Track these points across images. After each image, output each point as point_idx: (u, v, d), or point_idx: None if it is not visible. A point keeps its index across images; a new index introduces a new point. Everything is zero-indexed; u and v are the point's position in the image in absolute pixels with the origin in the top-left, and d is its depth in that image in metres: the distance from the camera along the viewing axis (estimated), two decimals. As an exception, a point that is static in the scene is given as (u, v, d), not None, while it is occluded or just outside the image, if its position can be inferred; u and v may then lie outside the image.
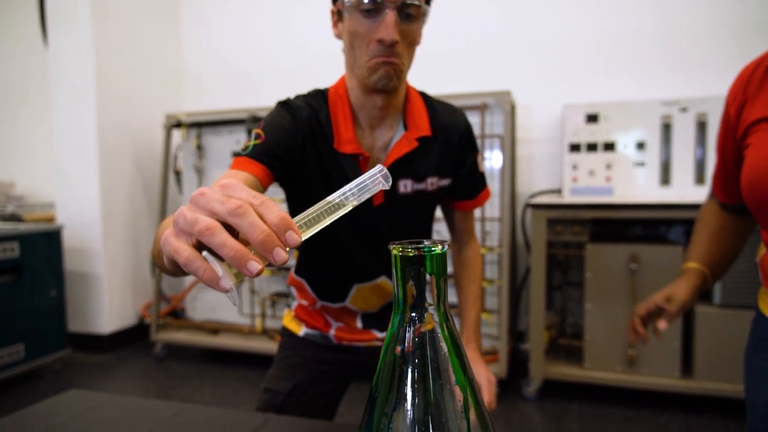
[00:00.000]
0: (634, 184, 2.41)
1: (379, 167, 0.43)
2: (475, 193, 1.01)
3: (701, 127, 2.30)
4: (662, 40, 2.58)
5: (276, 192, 2.76)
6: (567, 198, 2.41)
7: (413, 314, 0.38)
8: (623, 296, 2.23)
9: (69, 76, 2.96)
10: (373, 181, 0.43)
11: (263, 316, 2.90)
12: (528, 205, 2.68)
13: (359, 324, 1.02)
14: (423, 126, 0.92)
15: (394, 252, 0.38)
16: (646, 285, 2.19)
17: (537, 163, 2.80)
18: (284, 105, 0.89)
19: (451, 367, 0.37)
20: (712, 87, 2.47)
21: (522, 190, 2.81)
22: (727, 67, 2.47)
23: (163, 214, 3.00)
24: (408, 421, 0.36)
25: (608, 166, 2.43)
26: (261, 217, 0.39)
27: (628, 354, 2.23)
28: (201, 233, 0.39)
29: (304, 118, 0.87)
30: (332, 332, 1.03)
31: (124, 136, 3.13)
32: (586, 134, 2.47)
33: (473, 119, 2.57)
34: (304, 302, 1.05)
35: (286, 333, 1.08)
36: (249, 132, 2.80)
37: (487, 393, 0.93)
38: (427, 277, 0.37)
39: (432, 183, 0.94)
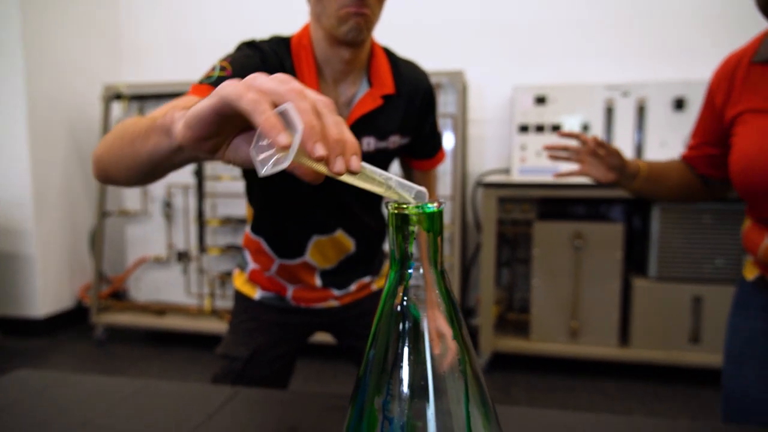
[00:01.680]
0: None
1: (423, 191, 0.40)
2: (433, 153, 1.03)
3: (641, 111, 2.41)
4: (609, 25, 2.67)
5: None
6: (515, 177, 2.48)
7: (410, 271, 0.38)
8: (568, 272, 2.33)
9: (-7, 40, 2.73)
10: (412, 193, 0.40)
11: (212, 295, 2.83)
12: (480, 184, 2.74)
13: (318, 281, 1.00)
14: (387, 83, 0.91)
15: (391, 210, 0.38)
16: (589, 260, 2.30)
17: (487, 144, 2.86)
18: (251, 46, 0.85)
19: (449, 322, 0.38)
20: (652, 73, 2.60)
21: (472, 170, 2.86)
22: (667, 53, 2.59)
23: (102, 190, 2.85)
24: (407, 375, 0.36)
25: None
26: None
27: (571, 326, 2.34)
28: (293, 91, 0.37)
29: (273, 64, 0.83)
30: (289, 294, 1.01)
31: (58, 107, 2.93)
32: (535, 116, 2.53)
33: (426, 98, 2.58)
34: (257, 266, 1.02)
35: (240, 297, 1.05)
36: (195, 106, 2.69)
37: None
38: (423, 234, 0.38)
39: (394, 141, 0.94)
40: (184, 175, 2.83)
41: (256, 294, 1.03)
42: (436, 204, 0.38)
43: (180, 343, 2.79)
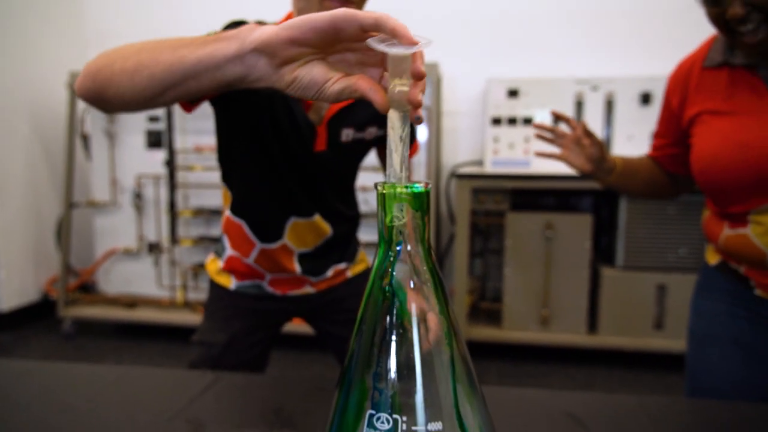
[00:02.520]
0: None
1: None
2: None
3: (609, 105, 2.48)
4: (580, 20, 2.73)
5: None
6: (488, 169, 2.52)
7: (398, 248, 0.39)
8: (539, 261, 2.39)
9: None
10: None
11: (185, 287, 2.80)
12: (454, 175, 2.77)
13: (297, 267, 0.99)
14: None
15: (380, 190, 0.39)
16: (560, 250, 2.36)
17: (461, 136, 2.89)
18: (241, 22, 0.84)
19: (435, 297, 0.39)
20: (621, 68, 2.66)
21: (446, 161, 2.89)
22: (635, 49, 2.67)
23: (69, 180, 2.78)
24: (395, 349, 0.38)
25: (526, 140, 2.56)
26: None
27: (542, 314, 2.40)
28: (386, 18, 0.42)
29: None
30: (266, 282, 1.02)
31: (20, 94, 2.84)
32: (507, 108, 2.57)
33: (401, 90, 2.59)
34: (237, 253, 1.00)
35: (215, 286, 1.05)
36: (167, 95, 2.64)
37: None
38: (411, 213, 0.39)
39: (370, 133, 0.96)
40: (155, 165, 2.77)
41: (232, 284, 1.03)
42: (423, 184, 0.39)
43: (152, 335, 2.75)
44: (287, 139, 0.89)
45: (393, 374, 0.37)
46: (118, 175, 2.85)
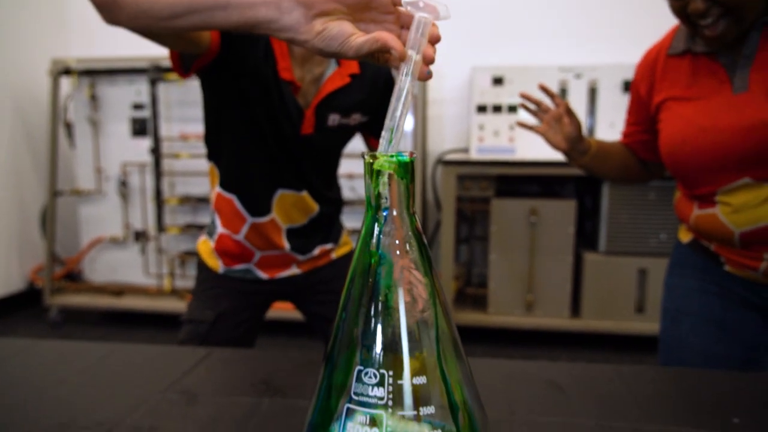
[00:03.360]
0: (533, 144, 2.59)
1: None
2: None
3: (592, 92, 2.51)
4: (563, 8, 2.75)
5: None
6: (474, 156, 2.54)
7: (384, 214, 0.41)
8: (524, 247, 2.43)
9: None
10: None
11: (172, 275, 2.80)
12: (439, 161, 2.80)
13: (285, 243, 1.02)
14: (353, 63, 0.95)
15: (368, 159, 0.41)
16: (544, 236, 2.41)
17: (446, 123, 2.92)
18: None
19: (419, 260, 0.42)
20: (604, 56, 2.70)
21: (432, 149, 2.91)
22: (617, 37, 2.70)
23: (53, 169, 2.75)
24: (382, 309, 0.40)
25: (511, 127, 2.59)
26: None
27: (527, 299, 2.45)
28: None
29: (258, 36, 0.87)
30: (255, 260, 1.04)
31: (1, 81, 2.80)
32: (492, 96, 2.60)
33: (387, 77, 2.60)
34: (227, 231, 1.02)
35: (204, 267, 1.07)
36: (152, 82, 2.62)
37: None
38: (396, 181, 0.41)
39: (355, 119, 1.00)
40: (140, 153, 2.76)
41: (220, 269, 1.05)
42: (408, 153, 0.41)
43: (140, 323, 2.76)
44: (276, 118, 0.92)
45: (380, 332, 0.40)
46: (103, 163, 2.83)
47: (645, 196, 2.35)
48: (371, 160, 0.41)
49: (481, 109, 2.59)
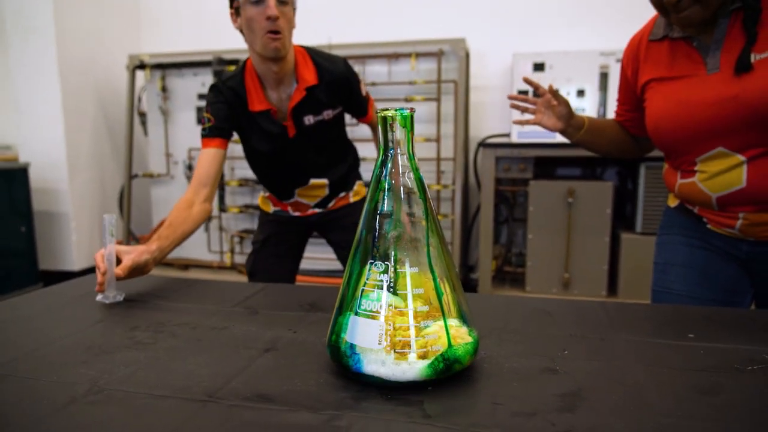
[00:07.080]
0: (574, 128, 2.66)
1: None
2: (365, 112, 1.43)
3: (634, 76, 2.55)
4: (604, -6, 2.79)
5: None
6: (515, 141, 2.64)
7: (391, 152, 0.57)
8: (561, 226, 2.51)
9: (24, 12, 2.93)
10: None
11: (232, 251, 3.06)
12: (480, 144, 2.91)
13: (310, 206, 1.47)
14: (310, 78, 1.28)
15: (380, 114, 0.57)
16: (581, 216, 2.48)
17: (488, 109, 3.02)
18: (213, 88, 1.28)
19: (416, 185, 0.57)
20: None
21: (474, 134, 3.03)
22: (660, 21, 2.71)
23: (129, 155, 3.07)
24: (387, 220, 0.56)
25: (552, 112, 2.67)
26: None
27: (564, 277, 2.53)
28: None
29: (228, 96, 1.27)
30: (290, 210, 1.48)
31: (87, 75, 3.14)
32: (534, 82, 2.68)
33: (429, 65, 2.74)
34: (268, 194, 1.51)
35: (262, 212, 1.53)
36: (215, 74, 2.88)
37: None
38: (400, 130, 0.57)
39: (328, 114, 1.33)
40: (205, 139, 3.02)
41: (271, 209, 1.51)
42: (409, 109, 0.57)
43: (203, 295, 3.03)
44: (270, 138, 1.31)
45: (386, 235, 0.56)
46: (172, 149, 3.12)
47: (684, 177, 2.38)
48: (383, 114, 0.57)
49: (523, 94, 2.68)
